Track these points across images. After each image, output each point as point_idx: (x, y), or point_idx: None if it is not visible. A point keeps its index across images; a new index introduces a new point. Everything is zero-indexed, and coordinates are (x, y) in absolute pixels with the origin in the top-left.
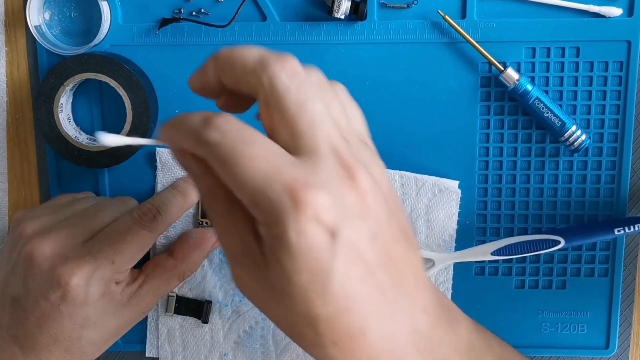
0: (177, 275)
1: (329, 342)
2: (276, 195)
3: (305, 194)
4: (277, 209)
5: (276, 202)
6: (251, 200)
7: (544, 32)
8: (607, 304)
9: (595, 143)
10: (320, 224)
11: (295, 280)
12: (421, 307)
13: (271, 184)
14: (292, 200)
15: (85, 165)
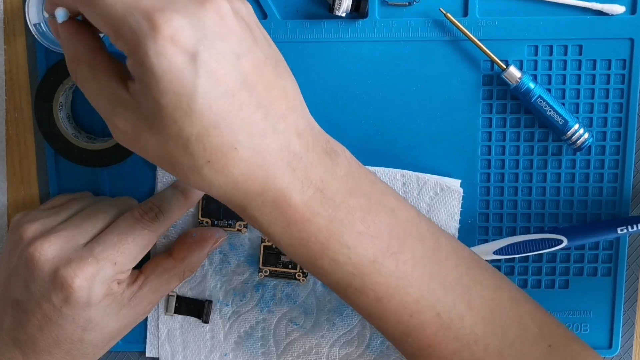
0: (177, 276)
1: (203, 161)
2: (136, 22)
3: (162, 16)
4: (137, 34)
5: (136, 28)
6: (115, 31)
7: (546, 30)
8: (610, 303)
9: (598, 141)
10: (177, 44)
11: (162, 103)
12: (294, 129)
13: (131, 11)
14: (150, 23)
15: (85, 164)
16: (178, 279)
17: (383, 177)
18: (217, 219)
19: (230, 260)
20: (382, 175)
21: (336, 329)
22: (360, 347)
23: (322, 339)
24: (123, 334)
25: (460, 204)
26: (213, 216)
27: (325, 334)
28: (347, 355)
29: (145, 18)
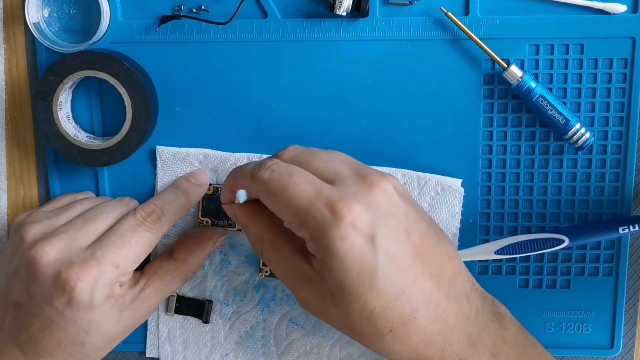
0: (179, 277)
1: (385, 331)
2: (319, 212)
3: (343, 206)
4: (321, 223)
5: (320, 217)
6: (299, 220)
7: (547, 28)
8: (611, 303)
9: (600, 141)
10: (358, 228)
11: (346, 282)
12: (463, 293)
13: (315, 203)
14: (332, 213)
15: (85, 163)
16: (180, 280)
17: None
18: (217, 218)
19: (231, 260)
20: None
21: None
22: (362, 347)
23: (323, 339)
24: (125, 336)
25: (461, 204)
26: (213, 216)
27: (326, 334)
28: (348, 356)
29: (328, 208)
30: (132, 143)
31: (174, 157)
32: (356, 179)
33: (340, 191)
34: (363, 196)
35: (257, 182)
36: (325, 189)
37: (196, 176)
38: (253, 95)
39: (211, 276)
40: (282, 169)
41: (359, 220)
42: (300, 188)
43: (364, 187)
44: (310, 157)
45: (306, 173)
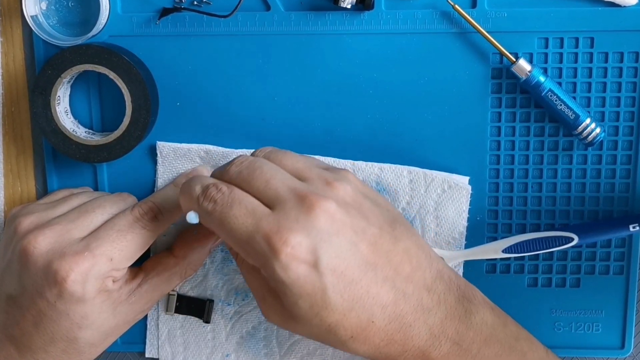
0: (178, 274)
1: (346, 338)
2: (259, 246)
3: (279, 239)
4: (262, 256)
5: (260, 251)
6: (243, 251)
7: (557, 22)
8: (622, 302)
9: (610, 136)
10: (298, 258)
11: (300, 304)
12: (422, 286)
13: (253, 236)
14: (270, 247)
15: (83, 159)
16: (179, 277)
17: (389, 174)
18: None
19: (232, 259)
20: (389, 172)
21: None
22: None
23: None
24: (121, 332)
25: (468, 202)
26: None
27: None
28: (351, 356)
29: (266, 242)
30: (131, 139)
31: (175, 153)
32: (295, 202)
33: (279, 220)
34: (302, 221)
35: (202, 212)
36: (264, 219)
37: (197, 173)
38: (255, 90)
39: (212, 275)
40: (224, 199)
41: (298, 250)
42: (240, 221)
43: (303, 211)
44: (253, 175)
45: (247, 200)
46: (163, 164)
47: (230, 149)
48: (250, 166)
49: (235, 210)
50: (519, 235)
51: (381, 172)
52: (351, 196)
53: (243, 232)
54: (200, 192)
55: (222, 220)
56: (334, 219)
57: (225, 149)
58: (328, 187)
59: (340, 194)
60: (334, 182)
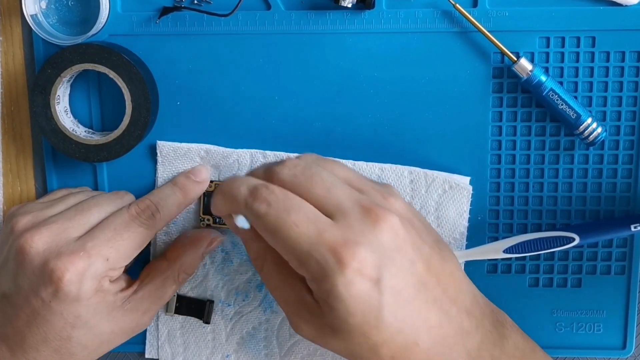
0: (171, 278)
1: (387, 357)
2: (322, 257)
3: (347, 251)
4: (324, 268)
5: (323, 263)
6: (299, 262)
7: (558, 21)
8: (624, 302)
9: (612, 136)
10: (363, 274)
11: (350, 321)
12: (464, 309)
13: (317, 247)
14: (337, 259)
15: (83, 159)
16: (173, 281)
17: (390, 174)
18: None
19: (233, 259)
20: (390, 172)
21: None
22: None
23: None
24: (116, 341)
25: (469, 202)
26: None
27: None
28: None
29: (332, 253)
30: (131, 138)
31: (175, 152)
32: (360, 214)
33: (344, 232)
34: (368, 235)
35: (252, 214)
36: (328, 229)
37: (196, 173)
38: (256, 89)
39: (212, 275)
40: (280, 203)
41: (365, 266)
42: (300, 230)
43: (369, 224)
44: (312, 181)
45: (306, 207)
46: (163, 164)
47: (230, 148)
48: (306, 171)
49: (294, 216)
50: (520, 235)
51: (382, 173)
52: (405, 211)
53: (303, 242)
54: (248, 193)
55: (277, 226)
56: (397, 234)
57: (225, 149)
58: (385, 201)
59: (397, 208)
60: (389, 197)
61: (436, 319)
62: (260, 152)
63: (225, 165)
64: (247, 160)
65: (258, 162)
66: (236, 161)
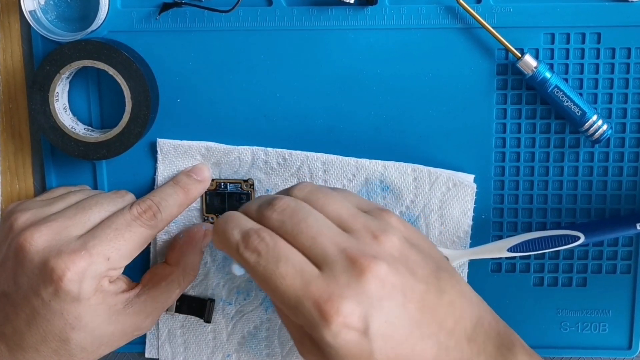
0: (175, 282)
1: None
2: (307, 311)
3: (331, 307)
4: (310, 321)
5: (309, 316)
6: (289, 311)
7: (563, 17)
8: (629, 302)
9: (617, 133)
10: (349, 326)
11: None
12: (464, 337)
13: (302, 301)
14: (321, 314)
15: (82, 157)
16: (177, 285)
17: (393, 171)
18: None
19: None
20: (393, 170)
21: None
22: None
23: None
24: (116, 344)
25: (473, 200)
26: (218, 212)
27: None
28: None
29: (316, 308)
30: (131, 135)
31: (175, 150)
32: (345, 265)
33: (329, 284)
34: (354, 287)
35: (244, 262)
36: (313, 281)
37: (198, 171)
38: (257, 86)
39: (213, 274)
40: (269, 252)
41: (350, 319)
42: (287, 282)
43: (354, 275)
44: (298, 228)
45: (294, 257)
46: (163, 162)
47: (231, 145)
48: (294, 216)
49: (282, 268)
50: (525, 233)
51: (385, 170)
52: (399, 249)
53: (291, 295)
54: (240, 239)
55: (267, 277)
56: (384, 282)
57: (226, 146)
58: (376, 242)
59: (388, 249)
60: (381, 235)
61: (432, 352)
62: (262, 149)
63: (227, 162)
64: (249, 158)
65: (259, 159)
66: (237, 158)
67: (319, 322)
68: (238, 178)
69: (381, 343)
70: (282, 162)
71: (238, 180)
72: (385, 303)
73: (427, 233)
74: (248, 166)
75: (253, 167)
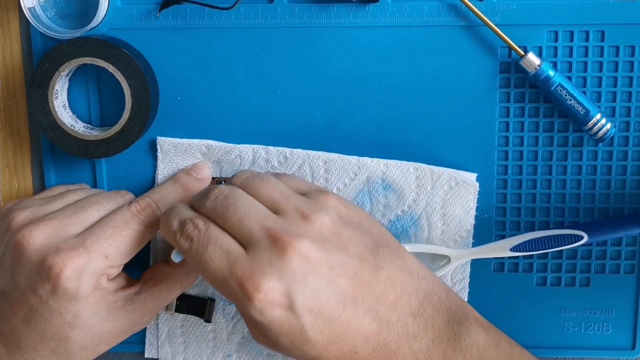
0: (177, 282)
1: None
2: (233, 290)
3: (252, 284)
4: (238, 300)
5: (235, 295)
6: (221, 293)
7: (566, 14)
8: (633, 302)
9: (621, 132)
10: (272, 302)
11: (282, 340)
12: (408, 312)
13: (227, 280)
14: (244, 292)
15: (82, 155)
16: (179, 285)
17: (396, 170)
18: None
19: None
20: (395, 168)
21: None
22: None
23: None
24: (114, 341)
25: (476, 199)
26: None
27: None
28: None
29: (239, 287)
30: (131, 134)
31: (176, 148)
32: (268, 243)
33: (252, 263)
34: (275, 264)
35: (180, 248)
36: (237, 262)
37: (198, 170)
38: (258, 84)
39: None
40: (200, 237)
41: (272, 295)
42: (215, 263)
43: (276, 253)
44: (227, 213)
45: (222, 239)
46: (163, 160)
47: (232, 144)
48: (224, 202)
49: (210, 251)
50: (528, 233)
51: (387, 169)
52: (329, 228)
53: (218, 276)
54: (178, 227)
55: (198, 260)
56: (308, 259)
57: (227, 144)
58: (304, 222)
59: (316, 229)
60: (310, 214)
61: (371, 327)
62: (263, 147)
63: (227, 161)
64: (250, 156)
65: (260, 157)
66: (238, 157)
67: (243, 300)
68: None
69: (310, 318)
70: (283, 160)
71: None
72: (309, 279)
73: (429, 232)
74: (249, 165)
75: (254, 166)
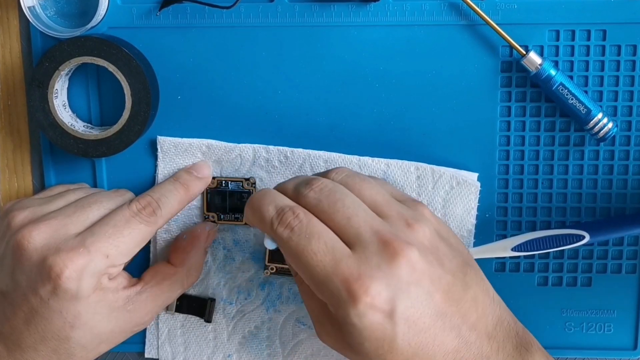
0: (178, 282)
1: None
2: (335, 289)
3: (360, 286)
4: (338, 299)
5: (336, 294)
6: (316, 288)
7: (568, 13)
8: (635, 302)
9: (623, 131)
10: (376, 307)
11: (366, 345)
12: (485, 334)
13: (331, 278)
14: (349, 293)
15: (82, 154)
16: (180, 285)
17: (396, 170)
18: (223, 212)
19: (235, 257)
20: (396, 168)
21: None
22: None
23: None
24: (116, 341)
25: (477, 199)
26: (219, 210)
27: None
28: None
29: (345, 286)
30: (131, 133)
31: (176, 148)
32: (378, 247)
33: (359, 264)
34: (384, 269)
35: (276, 237)
36: (344, 260)
37: (198, 168)
38: (259, 83)
39: (214, 273)
40: (302, 229)
41: (378, 300)
42: (318, 258)
43: (386, 258)
44: (334, 208)
45: (326, 235)
46: (164, 160)
47: (233, 143)
48: (331, 196)
49: (314, 244)
50: (529, 233)
51: (388, 168)
52: (429, 239)
53: (320, 271)
54: (275, 215)
55: (298, 252)
56: (414, 268)
57: (228, 144)
58: (409, 230)
59: (419, 238)
60: (414, 223)
61: (453, 345)
62: (263, 147)
63: (228, 160)
64: (250, 156)
65: (261, 157)
66: (239, 156)
67: (346, 301)
68: (239, 176)
69: (405, 328)
70: (283, 160)
71: (239, 179)
72: (412, 288)
73: None
74: (249, 164)
75: (254, 165)
